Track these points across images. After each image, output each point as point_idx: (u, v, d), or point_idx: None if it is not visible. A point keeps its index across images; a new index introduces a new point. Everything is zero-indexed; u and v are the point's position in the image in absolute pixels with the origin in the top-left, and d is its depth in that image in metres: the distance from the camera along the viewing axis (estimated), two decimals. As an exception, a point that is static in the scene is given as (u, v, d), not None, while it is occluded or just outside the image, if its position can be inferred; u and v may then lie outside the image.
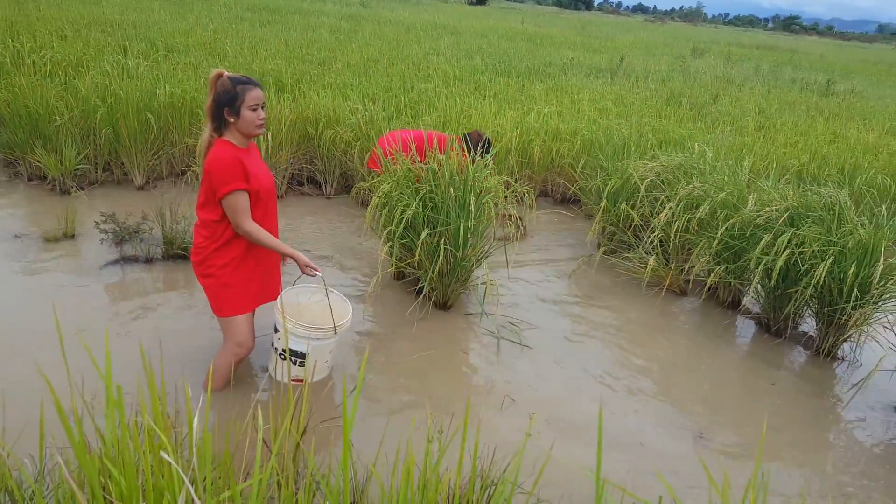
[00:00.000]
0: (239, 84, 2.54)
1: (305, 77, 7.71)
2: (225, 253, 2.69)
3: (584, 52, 15.40)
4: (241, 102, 2.53)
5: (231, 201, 2.54)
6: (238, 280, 2.74)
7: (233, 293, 2.73)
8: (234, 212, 2.56)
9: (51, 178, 5.25)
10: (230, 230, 2.64)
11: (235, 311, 2.76)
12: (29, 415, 2.12)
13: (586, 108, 7.62)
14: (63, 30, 8.80)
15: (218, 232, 2.65)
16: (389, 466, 2.41)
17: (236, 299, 2.75)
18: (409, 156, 4.35)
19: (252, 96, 2.54)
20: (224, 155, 2.52)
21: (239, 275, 2.73)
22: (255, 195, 2.63)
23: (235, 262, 2.71)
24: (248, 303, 2.80)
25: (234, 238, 2.67)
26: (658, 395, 3.35)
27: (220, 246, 2.67)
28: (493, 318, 3.94)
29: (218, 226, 2.64)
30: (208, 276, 2.72)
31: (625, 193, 4.92)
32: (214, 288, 2.72)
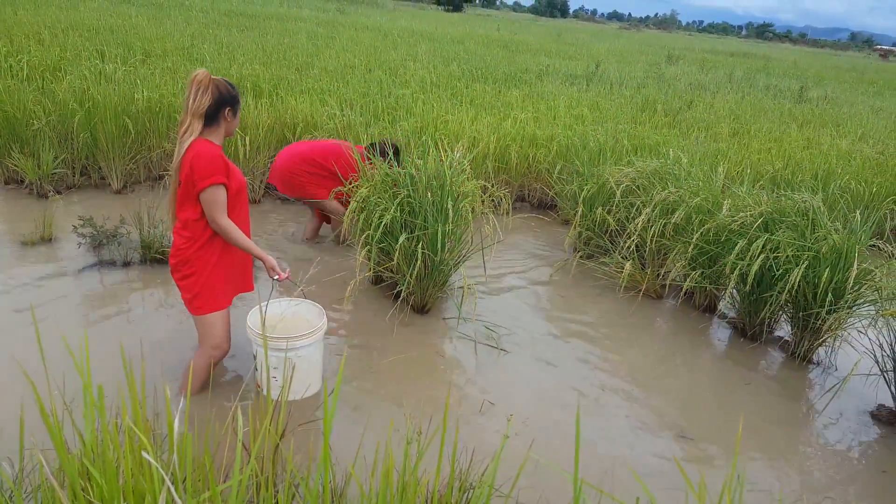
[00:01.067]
0: (234, 88, 2.67)
1: (283, 82, 7.72)
2: (206, 251, 2.71)
3: (559, 59, 15.57)
4: (226, 110, 2.64)
5: (210, 195, 2.57)
6: (218, 278, 2.77)
7: (212, 291, 2.76)
8: (211, 206, 2.59)
9: (28, 182, 5.20)
10: (210, 228, 2.67)
11: (213, 308, 2.78)
12: (6, 418, 2.12)
13: (562, 115, 7.72)
14: (40, 34, 8.71)
15: (198, 231, 2.67)
16: (368, 469, 2.44)
17: (215, 297, 2.78)
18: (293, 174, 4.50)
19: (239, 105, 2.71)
20: (207, 150, 2.57)
21: (219, 273, 2.76)
22: (234, 191, 2.67)
23: (215, 259, 2.74)
24: (225, 300, 2.83)
25: (214, 236, 2.70)
26: (634, 398, 3.42)
27: (202, 245, 2.69)
28: (470, 322, 3.98)
29: (198, 224, 2.66)
30: (188, 276, 2.73)
31: (601, 199, 5.00)
32: (195, 287, 2.74)
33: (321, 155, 4.57)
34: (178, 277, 2.76)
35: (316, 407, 2.99)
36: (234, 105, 2.65)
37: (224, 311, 2.84)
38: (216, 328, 2.82)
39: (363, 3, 36.14)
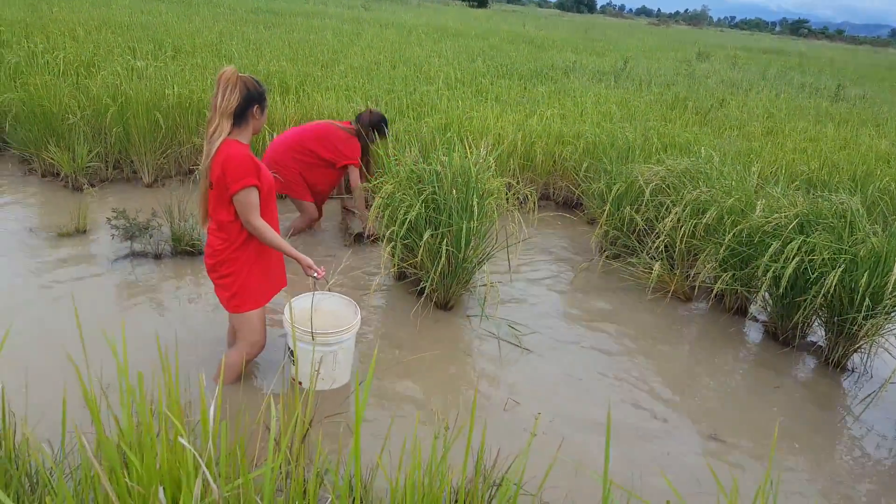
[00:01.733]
0: (261, 90, 2.67)
1: (309, 79, 7.78)
2: (244, 252, 2.75)
3: (586, 56, 15.45)
4: (254, 108, 2.64)
5: (243, 197, 2.59)
6: (255, 278, 2.82)
7: (250, 290, 2.81)
8: (245, 207, 2.61)
9: (64, 175, 5.34)
10: (245, 229, 2.70)
11: (252, 306, 2.83)
12: (46, 402, 2.18)
13: (590, 112, 7.66)
14: (75, 31, 8.90)
15: (234, 233, 2.70)
16: (393, 462, 2.47)
17: (253, 295, 2.83)
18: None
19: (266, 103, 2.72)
20: (237, 152, 2.58)
21: (256, 272, 2.81)
22: (267, 191, 2.71)
23: (253, 259, 2.78)
24: (263, 297, 2.89)
25: (250, 237, 2.73)
26: (663, 399, 3.39)
27: (239, 246, 2.73)
28: (494, 320, 3.98)
29: (233, 226, 2.69)
30: (226, 276, 2.77)
31: (629, 198, 4.95)
32: (233, 287, 2.78)
33: (312, 141, 4.57)
34: (216, 277, 2.80)
35: (342, 400, 3.02)
36: (261, 102, 2.66)
37: (261, 308, 2.89)
38: (254, 325, 2.87)
39: (388, 0, 36.24)
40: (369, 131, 4.66)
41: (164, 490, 1.34)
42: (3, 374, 1.73)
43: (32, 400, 2.21)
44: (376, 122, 4.67)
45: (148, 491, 1.29)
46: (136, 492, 1.31)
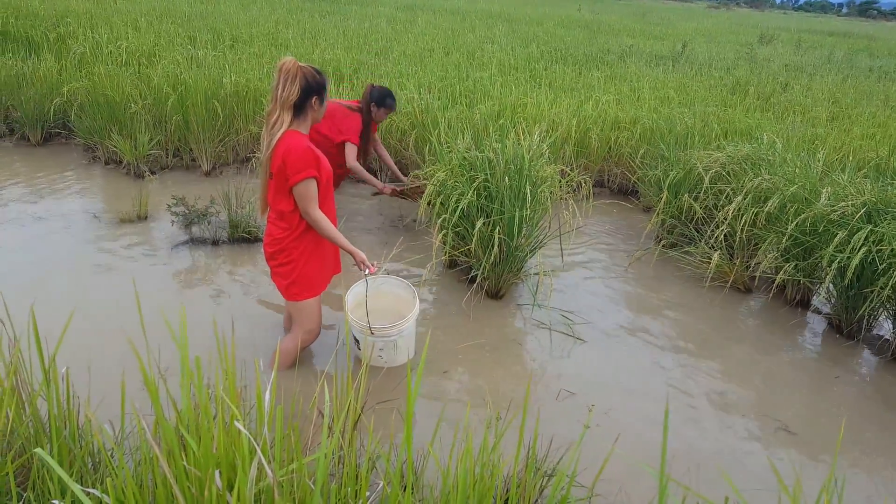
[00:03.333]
0: (321, 76, 2.65)
1: (363, 66, 7.81)
2: (302, 241, 2.79)
3: (643, 40, 15.02)
4: (314, 99, 2.64)
5: (302, 189, 2.62)
6: (313, 266, 2.86)
7: (308, 279, 2.86)
8: (303, 199, 2.64)
9: (125, 163, 5.53)
10: (304, 220, 2.74)
11: (309, 294, 2.88)
12: (106, 383, 2.25)
13: (647, 97, 7.45)
14: (137, 21, 9.17)
15: (294, 222, 2.74)
16: (444, 450, 2.46)
17: (310, 284, 2.87)
18: None
19: (326, 93, 2.70)
20: (299, 144, 2.60)
21: (314, 261, 2.85)
22: (326, 182, 2.73)
23: (311, 248, 2.82)
24: (320, 286, 2.93)
25: (309, 227, 2.76)
26: (721, 392, 3.28)
27: (298, 235, 2.77)
28: (545, 309, 3.93)
29: (293, 215, 2.73)
30: (285, 265, 2.82)
31: (687, 185, 4.79)
32: (292, 275, 2.82)
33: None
34: (275, 265, 2.85)
35: (393, 386, 3.03)
36: (320, 94, 2.66)
37: (318, 297, 2.94)
38: (312, 313, 2.92)
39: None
40: (371, 105, 4.53)
41: (220, 473, 1.36)
42: (67, 356, 1.79)
43: (94, 382, 2.29)
44: (378, 96, 4.51)
45: (205, 474, 1.31)
46: (192, 474, 1.33)
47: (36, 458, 1.59)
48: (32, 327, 1.61)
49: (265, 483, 1.39)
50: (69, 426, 1.68)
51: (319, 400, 2.26)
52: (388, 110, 4.64)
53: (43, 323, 1.71)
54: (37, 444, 1.69)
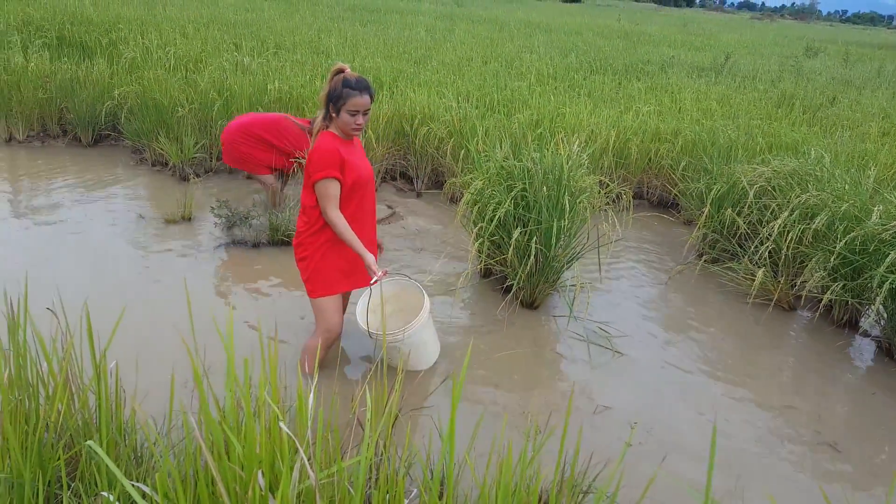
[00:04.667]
0: (347, 87, 2.67)
1: (402, 75, 7.88)
2: (318, 237, 2.85)
3: (685, 50, 14.82)
4: (342, 104, 2.68)
5: (322, 187, 2.71)
6: (328, 264, 2.88)
7: (323, 276, 2.88)
8: (322, 198, 2.72)
9: (171, 165, 5.68)
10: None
11: (323, 292, 2.90)
12: (150, 379, 2.31)
13: (688, 108, 7.34)
14: (185, 28, 9.43)
15: (314, 217, 2.81)
16: (478, 459, 2.44)
17: (325, 282, 2.89)
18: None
19: (353, 102, 2.67)
20: (323, 145, 2.70)
21: (329, 259, 2.88)
22: (350, 184, 2.78)
23: (327, 245, 2.86)
24: (337, 286, 2.93)
25: (327, 224, 2.81)
26: (766, 413, 3.19)
27: (316, 231, 2.83)
28: (582, 321, 3.88)
29: (314, 211, 2.80)
30: (303, 259, 2.89)
31: (730, 199, 4.69)
32: (307, 271, 2.89)
33: (261, 127, 4.68)
34: (297, 259, 2.93)
35: (427, 394, 3.03)
36: (335, 102, 2.68)
37: (334, 296, 2.93)
38: (326, 312, 2.93)
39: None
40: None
41: (262, 474, 1.38)
42: (115, 352, 1.83)
43: (135, 377, 2.35)
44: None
45: (248, 474, 1.33)
46: (235, 474, 1.35)
47: (84, 450, 1.63)
48: (86, 323, 1.65)
49: (305, 485, 1.40)
50: (116, 420, 1.72)
51: (356, 404, 2.27)
52: None
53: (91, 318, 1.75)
54: (85, 437, 1.74)
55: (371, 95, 2.73)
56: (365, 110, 2.72)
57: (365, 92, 2.70)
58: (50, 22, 8.52)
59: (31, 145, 6.31)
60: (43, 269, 3.84)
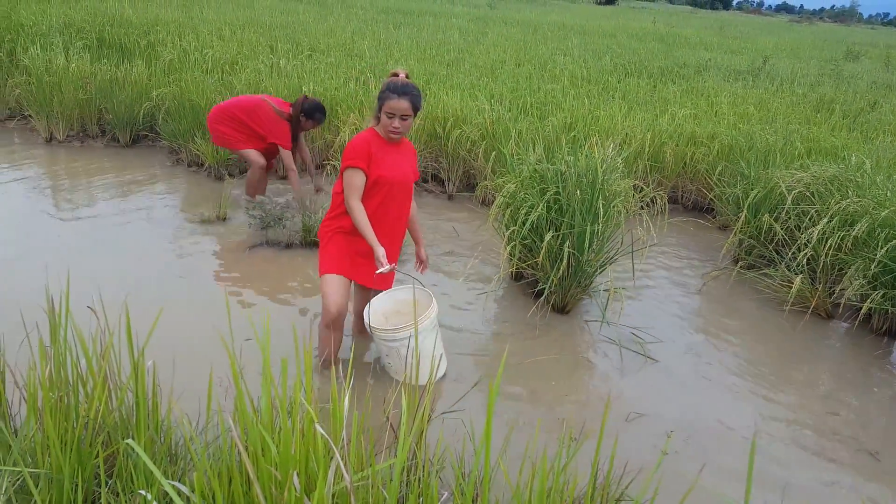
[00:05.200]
0: (387, 90, 2.78)
1: (435, 77, 7.88)
2: (336, 221, 2.97)
3: (721, 54, 14.56)
4: (381, 105, 2.79)
5: (347, 176, 2.82)
6: (338, 246, 2.97)
7: (330, 255, 2.98)
8: (346, 186, 2.84)
9: (207, 165, 5.77)
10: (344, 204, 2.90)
11: (327, 270, 2.95)
12: (183, 379, 2.34)
13: (725, 112, 7.21)
14: (221, 30, 9.58)
15: (337, 202, 2.94)
16: (510, 463, 2.42)
17: (332, 260, 2.96)
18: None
19: (389, 104, 2.77)
20: (357, 138, 2.86)
21: (339, 242, 2.97)
22: (374, 181, 2.85)
23: (342, 231, 2.95)
24: (342, 267, 2.95)
25: (346, 213, 2.90)
26: (803, 422, 3.11)
27: (336, 216, 2.96)
28: (615, 327, 3.83)
29: (339, 196, 2.92)
30: (321, 239, 3.03)
31: (768, 205, 4.60)
32: (320, 250, 3.02)
33: (238, 108, 4.77)
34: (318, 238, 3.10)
35: (458, 398, 3.01)
36: (378, 103, 2.83)
37: (338, 277, 2.94)
38: (327, 290, 2.94)
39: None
40: (301, 116, 4.74)
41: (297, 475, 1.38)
42: (150, 351, 1.86)
43: (168, 376, 2.38)
44: (308, 109, 4.73)
45: (284, 475, 1.33)
46: (271, 474, 1.36)
47: (122, 447, 1.65)
48: (125, 321, 1.68)
49: (339, 487, 1.40)
50: (153, 419, 1.75)
51: (387, 406, 2.28)
52: (316, 123, 4.89)
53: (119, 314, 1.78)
54: (122, 435, 1.76)
55: (412, 102, 2.77)
56: (402, 115, 2.77)
57: (403, 97, 2.74)
58: (90, 24, 8.72)
59: (70, 145, 6.47)
60: (82, 268, 3.93)
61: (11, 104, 6.91)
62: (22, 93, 6.58)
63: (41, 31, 7.95)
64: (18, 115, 6.90)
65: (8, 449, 1.72)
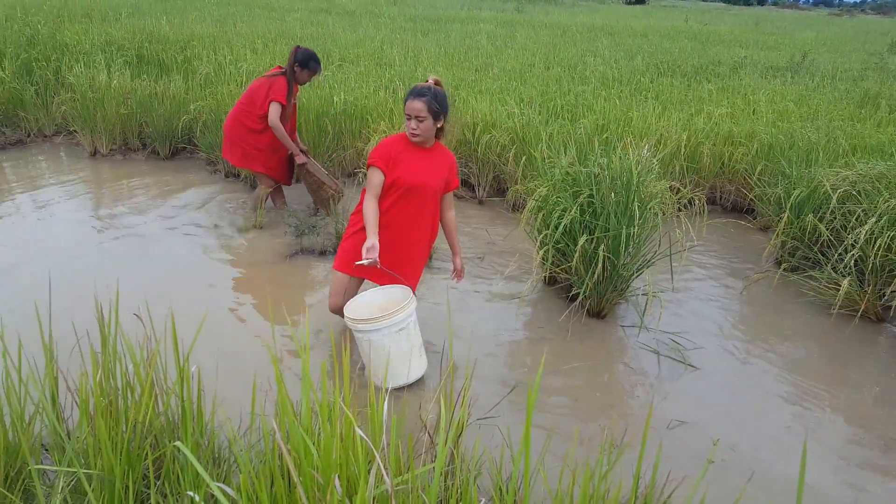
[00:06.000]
0: (408, 95, 2.92)
1: (463, 83, 7.89)
2: (355, 221, 3.14)
3: (757, 50, 14.26)
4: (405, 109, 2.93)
5: (369, 173, 2.97)
6: (350, 243, 3.13)
7: (341, 251, 3.13)
8: (367, 182, 2.97)
9: (243, 176, 5.87)
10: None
11: (336, 266, 3.18)
12: (227, 383, 2.38)
13: (763, 110, 7.05)
14: (255, 43, 9.76)
15: (360, 199, 3.07)
16: (550, 472, 2.40)
17: (343, 258, 3.14)
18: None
19: (406, 106, 2.92)
20: (385, 139, 3.02)
21: (353, 239, 3.12)
22: (392, 181, 2.93)
23: (357, 230, 3.09)
24: (348, 267, 3.12)
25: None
26: (856, 431, 3.01)
27: (358, 211, 3.10)
28: (653, 332, 3.77)
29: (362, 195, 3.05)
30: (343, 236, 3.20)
31: (811, 204, 4.47)
32: (339, 246, 3.20)
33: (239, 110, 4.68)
34: None
35: (494, 404, 3.00)
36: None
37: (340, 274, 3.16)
38: (336, 282, 3.19)
39: (542, 1, 36.03)
40: (295, 66, 4.62)
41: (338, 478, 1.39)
42: (194, 357, 1.90)
43: (209, 381, 2.42)
44: (302, 58, 4.60)
45: (326, 479, 1.34)
46: (314, 478, 1.37)
47: (169, 450, 1.69)
48: (171, 329, 1.72)
49: (379, 491, 1.40)
50: (198, 423, 1.78)
51: (424, 411, 2.28)
52: (312, 73, 4.74)
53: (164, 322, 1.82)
54: (169, 438, 1.80)
55: (426, 104, 2.85)
56: (416, 115, 2.86)
57: (417, 98, 2.86)
58: (130, 41, 8.98)
59: (113, 158, 6.66)
60: (125, 276, 4.03)
61: (58, 120, 7.15)
62: (67, 109, 6.80)
63: (84, 49, 8.21)
64: (65, 131, 7.14)
65: (62, 451, 1.77)
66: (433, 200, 3.07)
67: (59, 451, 1.77)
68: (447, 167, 3.11)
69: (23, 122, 7.07)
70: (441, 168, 3.07)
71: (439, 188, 3.07)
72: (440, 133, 3.08)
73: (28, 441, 1.86)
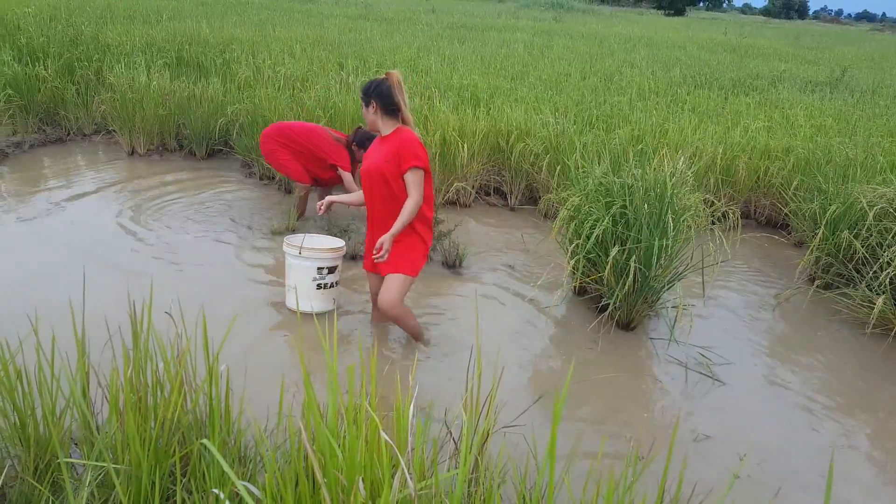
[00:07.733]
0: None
1: (499, 91, 7.90)
2: None
3: (797, 64, 14.01)
4: None
5: None
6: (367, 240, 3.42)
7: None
8: None
9: (278, 179, 5.96)
10: None
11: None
12: (254, 384, 2.41)
13: (801, 125, 6.92)
14: (293, 48, 9.91)
15: None
16: (574, 482, 2.38)
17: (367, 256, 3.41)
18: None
19: None
20: None
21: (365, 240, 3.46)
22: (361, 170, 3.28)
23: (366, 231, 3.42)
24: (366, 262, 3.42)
25: None
26: (888, 452, 2.92)
27: None
28: (682, 346, 3.71)
29: None
30: None
31: (847, 221, 4.37)
32: None
33: (297, 132, 4.93)
34: None
35: (520, 412, 2.98)
36: None
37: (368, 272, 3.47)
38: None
39: (579, 11, 35.89)
40: (353, 145, 4.92)
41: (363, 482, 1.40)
42: (223, 356, 1.93)
43: (237, 381, 2.46)
44: (360, 139, 4.89)
45: (350, 481, 1.36)
46: (338, 480, 1.38)
47: (196, 448, 1.72)
48: (202, 328, 1.75)
49: (403, 495, 1.41)
50: (225, 422, 1.81)
51: (450, 417, 2.28)
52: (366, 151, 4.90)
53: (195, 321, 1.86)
54: (197, 436, 1.84)
55: (360, 92, 3.24)
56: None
57: None
58: (170, 43, 9.18)
59: (150, 158, 6.81)
60: (158, 275, 4.12)
61: (97, 119, 7.33)
62: (107, 109, 6.97)
63: (125, 50, 8.43)
64: (104, 130, 7.32)
65: (91, 445, 1.81)
66: (380, 182, 3.13)
67: (89, 445, 1.81)
68: (395, 149, 3.08)
69: (63, 120, 7.28)
70: (388, 152, 3.08)
71: (386, 171, 3.08)
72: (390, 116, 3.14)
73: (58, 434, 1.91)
